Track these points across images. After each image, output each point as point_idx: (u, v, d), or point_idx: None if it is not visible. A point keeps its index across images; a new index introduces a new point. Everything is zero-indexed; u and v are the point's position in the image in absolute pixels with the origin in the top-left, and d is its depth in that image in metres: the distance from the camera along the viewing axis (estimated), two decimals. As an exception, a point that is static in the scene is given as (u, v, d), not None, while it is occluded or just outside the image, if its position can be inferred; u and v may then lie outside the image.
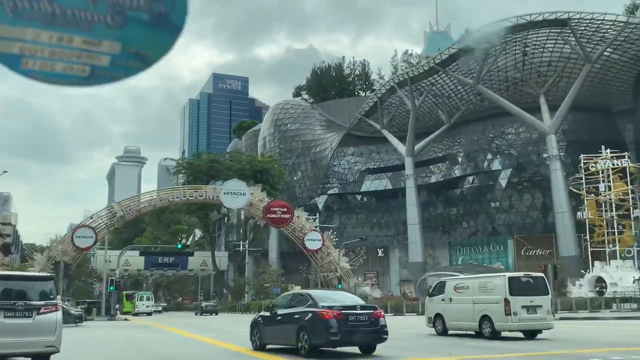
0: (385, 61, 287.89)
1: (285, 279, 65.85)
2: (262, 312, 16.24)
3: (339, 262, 48.30)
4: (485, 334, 17.83)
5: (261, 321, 15.22)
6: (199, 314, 54.57)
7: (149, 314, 56.71)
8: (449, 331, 19.45)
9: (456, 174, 75.51)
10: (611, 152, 52.77)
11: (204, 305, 58.43)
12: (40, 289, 11.12)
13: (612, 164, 52.33)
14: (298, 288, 64.02)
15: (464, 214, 74.24)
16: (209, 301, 63.26)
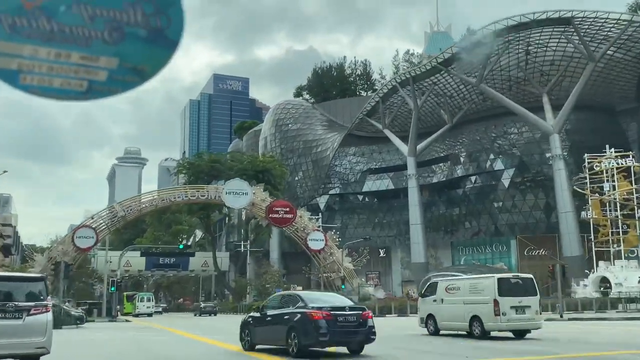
0: (385, 62, 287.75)
1: (287, 279, 65.49)
2: (252, 313, 16.44)
3: (342, 263, 47.87)
4: (475, 334, 18.11)
5: (251, 322, 15.42)
6: (197, 315, 55.05)
7: (149, 314, 56.83)
8: (441, 331, 19.68)
9: (458, 173, 75.14)
10: (615, 152, 52.46)
11: (202, 306, 59.04)
12: (30, 290, 11.11)
13: (616, 163, 52.02)
14: (299, 289, 63.72)
15: (467, 214, 73.86)
16: (207, 302, 63.82)
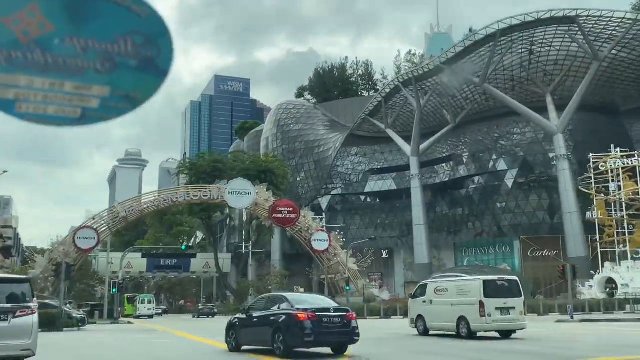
0: (385, 64, 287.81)
1: (289, 281, 64.95)
2: (238, 315, 16.58)
3: (346, 264, 47.32)
4: (462, 334, 18.72)
5: (237, 323, 15.67)
6: (196, 317, 55.63)
7: (150, 316, 56.83)
8: (430, 332, 20.28)
9: (461, 174, 74.67)
10: (621, 151, 52.06)
11: (200, 307, 59.64)
12: (15, 292, 11.07)
13: (622, 163, 51.60)
14: (301, 291, 63.20)
15: (470, 215, 73.33)
16: (206, 304, 64.10)
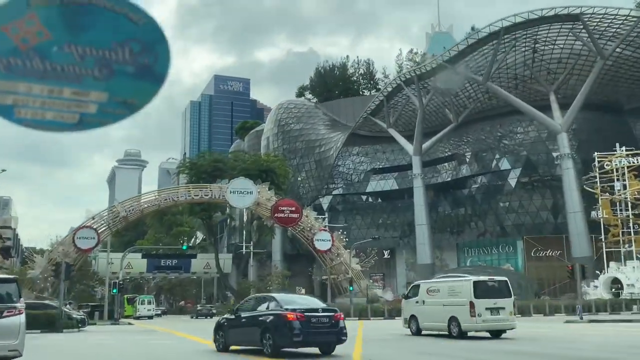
0: (385, 64, 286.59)
1: (290, 281, 64.40)
2: (226, 315, 16.80)
3: (349, 264, 46.73)
4: (453, 333, 19.14)
5: (225, 324, 15.86)
6: (194, 317, 55.62)
7: (150, 317, 56.63)
8: (423, 331, 20.68)
9: (464, 173, 74.14)
10: (626, 150, 51.55)
11: (199, 308, 59.80)
12: (1, 292, 10.94)
13: (627, 162, 51.10)
14: (303, 292, 62.68)
15: (472, 215, 72.78)
16: (204, 305, 63.94)
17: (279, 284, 60.72)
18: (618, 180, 51.58)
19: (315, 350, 14.27)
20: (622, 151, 51.74)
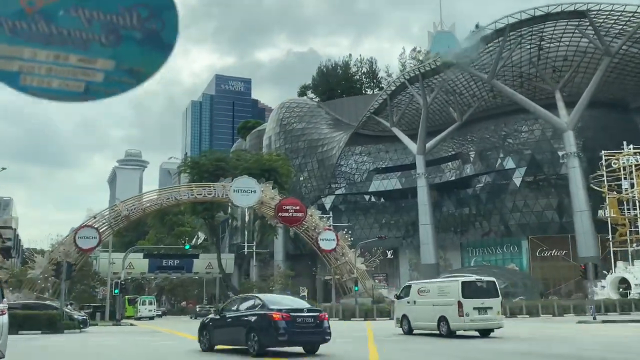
0: (385, 64, 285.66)
1: (293, 281, 63.86)
2: (211, 315, 16.99)
3: (354, 263, 46.06)
4: (442, 332, 19.56)
5: (210, 324, 16.01)
6: (193, 318, 55.32)
7: (151, 318, 56.35)
8: (414, 331, 21.11)
9: (468, 173, 73.52)
10: (634, 148, 50.95)
11: (198, 309, 59.49)
12: None
13: (634, 160, 50.51)
14: (305, 292, 62.10)
15: (477, 214, 72.14)
16: (204, 305, 63.58)
17: (282, 284, 60.17)
18: (625, 178, 50.96)
19: (300, 349, 14.45)
20: (629, 149, 51.12)
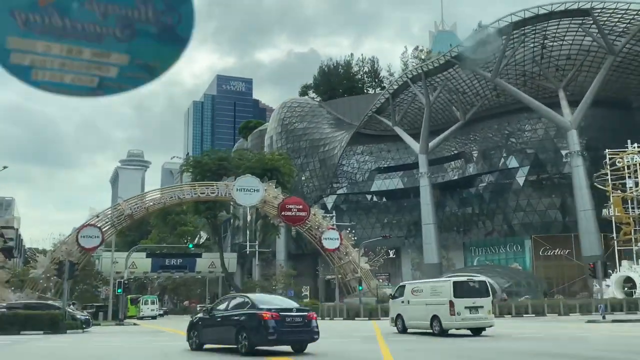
0: (386, 64, 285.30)
1: (295, 281, 63.70)
2: (200, 315, 17.18)
3: (358, 263, 45.88)
4: (434, 331, 20.01)
5: (200, 323, 16.19)
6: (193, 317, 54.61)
7: (153, 317, 56.29)
8: (408, 330, 21.62)
9: (471, 172, 73.30)
10: (638, 147, 50.72)
11: (198, 309, 58.44)
12: None
13: (639, 159, 50.27)
14: (307, 292, 62.05)
15: (480, 214, 71.91)
16: (203, 305, 63.38)
17: (284, 284, 60.03)
18: (630, 177, 50.73)
19: (288, 348, 14.67)
20: (633, 148, 50.89)
